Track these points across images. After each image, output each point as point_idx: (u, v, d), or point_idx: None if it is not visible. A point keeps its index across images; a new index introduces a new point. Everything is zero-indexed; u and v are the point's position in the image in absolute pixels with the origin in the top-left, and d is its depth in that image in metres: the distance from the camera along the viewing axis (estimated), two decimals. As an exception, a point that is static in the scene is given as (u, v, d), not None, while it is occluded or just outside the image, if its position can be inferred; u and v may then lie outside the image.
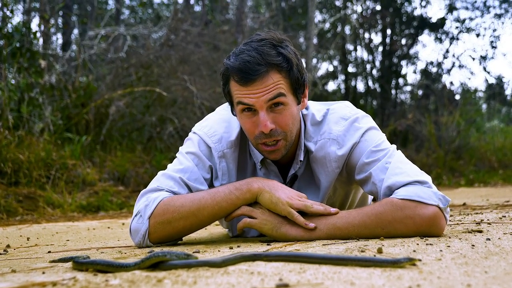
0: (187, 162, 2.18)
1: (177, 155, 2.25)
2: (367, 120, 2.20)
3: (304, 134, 2.22)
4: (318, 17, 14.81)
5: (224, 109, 2.33)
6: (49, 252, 2.15)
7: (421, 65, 15.85)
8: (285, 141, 2.07)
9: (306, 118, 2.23)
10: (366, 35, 14.97)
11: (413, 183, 1.97)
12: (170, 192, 2.10)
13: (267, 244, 1.94)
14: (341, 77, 15.31)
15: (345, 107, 2.25)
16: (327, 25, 14.38)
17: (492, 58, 15.20)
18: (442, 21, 14.92)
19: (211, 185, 2.23)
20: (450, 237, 1.87)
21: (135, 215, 2.07)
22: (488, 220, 2.50)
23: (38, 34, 7.04)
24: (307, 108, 2.24)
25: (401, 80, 15.17)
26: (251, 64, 1.96)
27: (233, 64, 2.00)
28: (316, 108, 2.25)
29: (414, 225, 1.90)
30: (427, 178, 2.01)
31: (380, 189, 2.03)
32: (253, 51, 1.98)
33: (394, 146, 2.16)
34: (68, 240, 2.80)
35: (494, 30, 15.14)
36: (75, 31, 11.19)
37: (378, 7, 14.83)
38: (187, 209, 2.02)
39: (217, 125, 2.24)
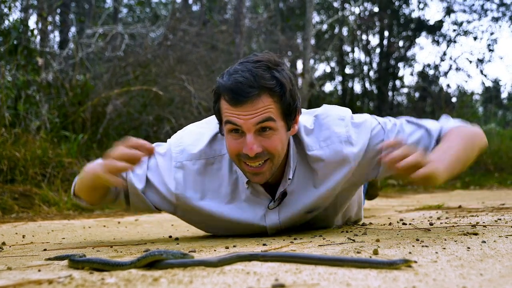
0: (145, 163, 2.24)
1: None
2: (358, 115, 2.24)
3: (299, 148, 2.18)
4: (316, 18, 14.82)
5: (206, 122, 2.32)
6: (45, 250, 2.15)
7: (418, 68, 15.95)
8: (271, 163, 2.04)
9: (298, 131, 2.17)
10: (364, 37, 15.01)
11: (446, 119, 2.22)
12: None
13: (263, 244, 1.94)
14: (338, 78, 15.33)
15: (332, 108, 2.25)
16: (325, 26, 14.39)
17: (489, 61, 15.28)
18: (439, 24, 14.96)
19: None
20: (445, 240, 1.88)
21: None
22: (483, 222, 2.51)
23: (36, 32, 7.03)
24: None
25: (398, 82, 15.20)
26: (243, 85, 1.92)
27: (225, 83, 1.97)
28: (303, 119, 2.21)
29: (481, 137, 2.16)
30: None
31: (431, 141, 2.12)
32: (247, 72, 1.95)
33: (391, 118, 2.25)
34: (63, 238, 2.80)
35: (492, 33, 15.19)
36: (73, 29, 11.17)
37: (376, 9, 14.86)
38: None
39: (187, 136, 2.25)
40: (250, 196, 2.23)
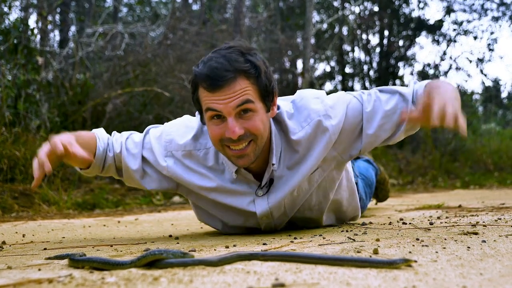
0: (138, 139, 2.37)
1: (146, 129, 2.41)
2: (333, 93, 2.31)
3: (284, 133, 2.22)
4: (316, 17, 14.80)
5: (195, 116, 2.37)
6: (45, 249, 2.15)
7: (418, 67, 15.87)
8: (255, 144, 2.08)
9: (281, 115, 2.23)
10: (364, 36, 14.98)
11: (415, 83, 2.25)
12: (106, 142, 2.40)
13: (264, 244, 1.94)
14: (338, 77, 15.32)
15: (306, 91, 2.32)
16: (325, 26, 14.37)
17: (489, 60, 15.22)
18: (439, 23, 14.94)
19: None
20: (445, 239, 1.88)
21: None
22: (483, 222, 2.51)
23: (36, 31, 7.02)
24: (278, 108, 2.25)
25: (398, 82, 15.18)
26: (219, 70, 1.98)
27: (201, 71, 2.02)
28: (282, 105, 2.27)
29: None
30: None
31: (408, 104, 2.16)
32: (221, 58, 2.01)
33: (362, 90, 2.30)
34: (63, 237, 2.80)
35: (492, 33, 15.16)
36: (73, 28, 11.16)
37: (376, 8, 14.84)
38: None
39: (177, 127, 2.34)
40: (239, 183, 2.28)
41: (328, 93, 2.33)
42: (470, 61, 15.13)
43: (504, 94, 18.34)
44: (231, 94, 1.98)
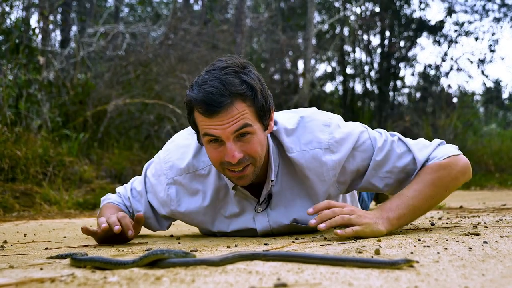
0: (141, 187, 2.43)
1: (144, 170, 2.45)
2: (347, 123, 2.24)
3: (281, 149, 2.20)
4: (317, 18, 14.80)
5: (190, 133, 2.32)
6: (47, 248, 2.15)
7: (419, 68, 15.92)
8: (253, 166, 2.05)
9: (278, 133, 2.19)
10: (365, 37, 14.99)
11: (437, 147, 2.19)
12: (120, 202, 2.49)
13: (265, 244, 1.94)
14: (339, 78, 15.31)
15: (320, 113, 2.25)
16: (326, 26, 14.37)
17: (490, 61, 15.23)
18: (441, 24, 14.93)
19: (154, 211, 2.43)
20: (447, 240, 1.88)
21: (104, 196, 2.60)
22: (485, 223, 2.51)
23: (37, 31, 7.03)
24: (275, 124, 2.20)
25: (399, 82, 15.18)
26: (214, 95, 1.91)
27: (196, 96, 1.96)
28: (285, 119, 2.22)
29: (463, 175, 2.16)
30: (439, 139, 2.25)
31: (415, 169, 2.16)
32: (216, 81, 1.94)
33: (384, 131, 2.23)
34: (65, 237, 2.80)
35: (493, 34, 15.16)
36: (74, 28, 11.16)
37: (377, 9, 14.84)
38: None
39: (174, 151, 2.32)
40: (239, 200, 2.27)
41: (337, 109, 2.28)
42: (471, 62, 15.13)
43: (505, 95, 18.36)
44: (228, 119, 1.94)
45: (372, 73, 14.94)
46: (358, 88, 15.22)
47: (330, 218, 1.98)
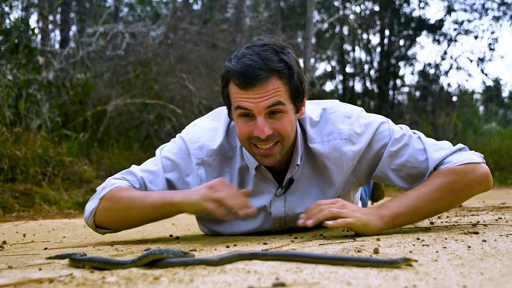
0: (158, 165, 2.23)
1: (156, 152, 2.30)
2: (369, 115, 2.23)
3: (304, 138, 2.20)
4: (316, 17, 14.80)
5: (215, 116, 2.32)
6: (46, 248, 2.15)
7: (419, 67, 15.92)
8: (281, 145, 2.05)
9: (303, 121, 2.20)
10: (364, 36, 14.99)
11: (456, 151, 2.12)
12: (130, 185, 2.19)
13: (264, 243, 1.94)
14: (339, 77, 15.33)
15: (342, 105, 2.27)
16: (326, 25, 14.38)
17: (490, 60, 15.25)
18: (440, 23, 14.94)
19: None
20: (446, 238, 1.88)
21: (96, 193, 2.23)
22: (484, 222, 2.51)
23: (37, 31, 7.03)
24: None
25: (398, 81, 15.19)
26: (252, 68, 1.94)
27: (234, 67, 1.98)
28: (309, 109, 2.23)
29: (478, 184, 2.09)
30: (461, 144, 2.17)
31: (427, 168, 2.11)
32: (255, 55, 1.97)
33: (406, 126, 2.21)
34: (64, 237, 2.80)
35: (492, 33, 15.17)
36: (74, 28, 11.17)
37: (377, 8, 14.85)
38: (123, 203, 2.11)
39: (202, 133, 2.25)
40: (258, 182, 2.24)
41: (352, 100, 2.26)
42: (471, 61, 15.14)
43: (505, 94, 18.36)
44: (263, 93, 1.96)
45: (372, 72, 14.95)
46: (358, 87, 15.25)
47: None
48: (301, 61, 2.02)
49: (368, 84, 14.91)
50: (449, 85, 15.18)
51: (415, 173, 2.16)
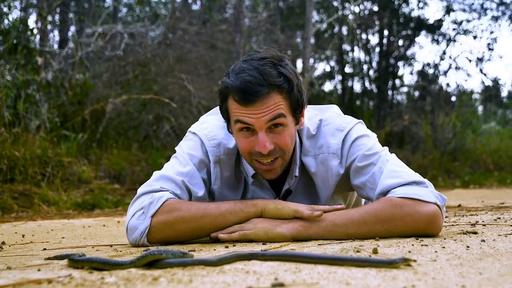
0: (189, 165, 2.14)
1: (177, 154, 2.20)
2: (359, 129, 2.18)
3: (300, 149, 2.20)
4: (315, 17, 14.79)
5: (220, 115, 2.27)
6: (44, 249, 2.15)
7: (417, 67, 15.90)
8: (282, 159, 2.05)
9: (302, 132, 2.19)
10: (363, 36, 14.99)
11: (410, 184, 1.98)
12: (173, 195, 2.06)
13: (263, 244, 1.94)
14: (338, 77, 15.33)
15: (337, 116, 2.23)
16: (325, 26, 14.38)
17: (489, 60, 15.22)
18: (439, 23, 14.94)
19: (209, 191, 2.22)
20: (445, 238, 1.88)
21: (137, 211, 2.03)
22: (483, 221, 2.51)
23: (35, 31, 7.02)
24: None
25: (397, 81, 15.19)
26: (252, 84, 1.92)
27: (233, 83, 1.95)
28: (308, 118, 2.21)
29: (414, 222, 1.91)
30: (423, 179, 2.01)
31: (376, 191, 2.02)
32: (254, 70, 1.94)
33: (387, 148, 2.15)
34: (63, 238, 2.80)
35: (491, 32, 15.16)
36: (72, 28, 11.16)
37: (376, 8, 14.85)
38: (192, 214, 2.00)
39: (217, 130, 2.21)
40: (255, 189, 2.24)
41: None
42: (470, 61, 15.14)
43: (503, 94, 18.36)
44: (264, 109, 1.94)
45: (371, 72, 14.95)
46: (357, 87, 15.25)
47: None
48: (300, 61, 2.00)
49: (367, 84, 14.92)
50: (448, 85, 15.17)
51: (372, 194, 2.08)
